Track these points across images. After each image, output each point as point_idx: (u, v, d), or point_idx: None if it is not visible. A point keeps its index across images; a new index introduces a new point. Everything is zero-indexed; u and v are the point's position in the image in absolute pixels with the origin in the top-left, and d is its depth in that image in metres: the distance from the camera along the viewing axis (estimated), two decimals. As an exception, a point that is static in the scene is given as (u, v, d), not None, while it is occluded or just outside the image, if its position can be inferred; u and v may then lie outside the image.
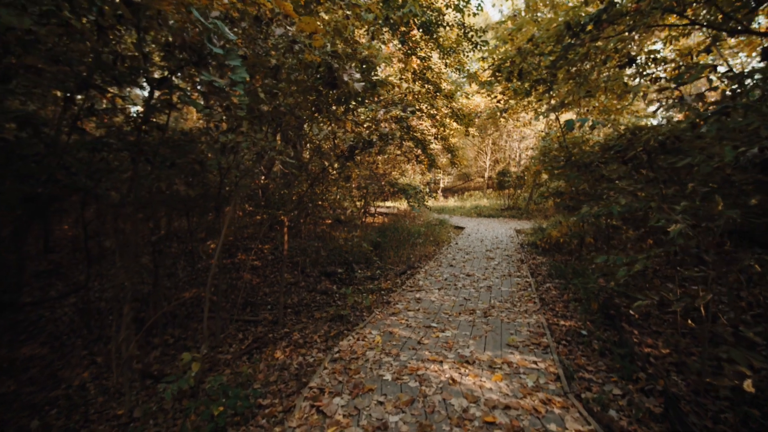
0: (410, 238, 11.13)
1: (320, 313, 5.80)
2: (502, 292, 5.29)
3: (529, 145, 25.46)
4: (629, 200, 2.97)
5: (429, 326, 3.85)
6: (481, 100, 21.81)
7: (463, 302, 4.78)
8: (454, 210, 20.95)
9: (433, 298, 4.94)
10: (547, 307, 5.19)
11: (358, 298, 6.33)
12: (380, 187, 13.49)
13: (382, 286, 7.11)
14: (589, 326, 4.58)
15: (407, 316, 4.23)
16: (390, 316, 4.28)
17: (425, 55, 9.01)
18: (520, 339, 3.59)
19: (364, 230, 12.33)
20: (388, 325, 4.00)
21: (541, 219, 15.61)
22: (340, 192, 7.77)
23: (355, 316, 5.35)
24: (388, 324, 4.02)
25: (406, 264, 8.65)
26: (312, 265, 8.97)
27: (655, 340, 4.10)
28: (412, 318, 4.17)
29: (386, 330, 3.83)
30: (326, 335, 4.82)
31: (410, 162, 14.28)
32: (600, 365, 3.66)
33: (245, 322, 5.88)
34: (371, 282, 7.60)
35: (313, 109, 3.97)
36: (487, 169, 29.17)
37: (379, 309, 4.67)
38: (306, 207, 6.11)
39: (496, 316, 4.22)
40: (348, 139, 5.18)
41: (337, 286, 7.66)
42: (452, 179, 34.02)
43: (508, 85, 6.72)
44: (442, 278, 6.14)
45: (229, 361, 4.44)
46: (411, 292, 5.35)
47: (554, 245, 9.48)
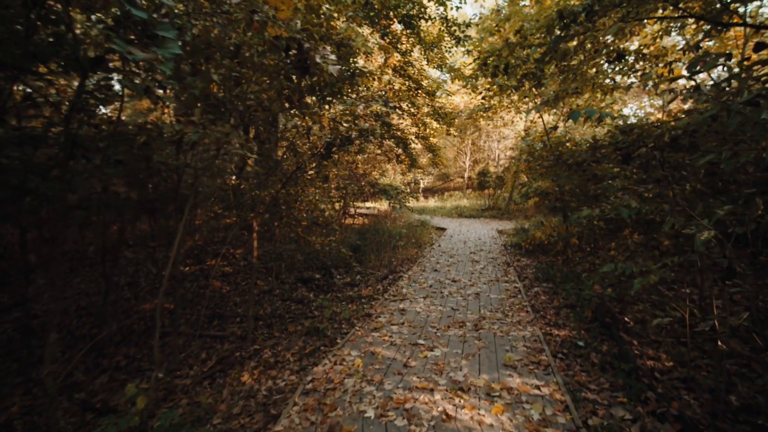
0: (391, 240, 10.73)
1: (295, 325, 5.30)
2: (492, 299, 4.95)
3: (508, 145, 25.58)
4: (639, 202, 2.64)
5: (415, 343, 3.44)
6: (461, 100, 21.70)
7: (451, 313, 4.40)
8: (435, 210, 20.72)
9: (419, 308, 4.53)
10: (538, 315, 4.88)
11: (337, 308, 5.87)
12: (360, 187, 13.04)
13: (362, 293, 6.66)
14: (585, 336, 4.29)
15: (391, 332, 3.81)
16: (371, 332, 3.84)
17: (406, 49, 8.62)
18: (517, 357, 3.23)
19: (344, 232, 11.84)
20: (369, 343, 3.56)
21: (522, 219, 15.54)
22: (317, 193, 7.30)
23: (333, 328, 4.89)
24: (370, 342, 3.58)
25: (388, 268, 8.24)
26: (288, 271, 8.43)
27: (656, 351, 3.83)
28: (396, 333, 3.75)
29: (367, 350, 3.38)
30: (300, 353, 4.33)
31: (391, 162, 13.89)
32: (602, 382, 3.34)
33: (211, 338, 5.31)
34: (351, 289, 7.14)
35: (285, 100, 3.48)
36: (467, 169, 29.17)
37: (360, 323, 4.23)
38: (279, 210, 5.59)
39: (488, 328, 3.86)
40: (325, 136, 4.72)
41: (314, 294, 7.16)
42: (432, 179, 33.92)
43: (493, 81, 6.41)
44: (427, 285, 5.75)
45: (188, 387, 3.89)
46: (394, 301, 4.93)
47: (538, 246, 9.29)
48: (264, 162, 6.83)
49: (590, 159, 4.95)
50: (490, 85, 6.60)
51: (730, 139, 2.52)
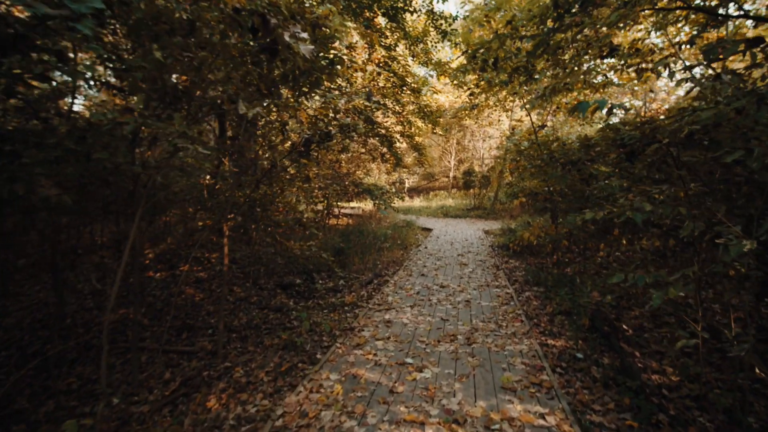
0: (376, 242, 10.37)
1: (271, 338, 4.87)
2: (483, 308, 4.64)
3: (493, 144, 25.55)
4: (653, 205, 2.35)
5: (403, 363, 3.08)
6: (446, 99, 21.50)
7: (441, 324, 4.06)
8: (421, 210, 20.46)
9: (406, 319, 4.18)
10: (532, 322, 4.60)
11: (318, 317, 5.46)
12: (344, 187, 12.62)
13: (345, 300, 6.28)
14: (583, 346, 4.01)
15: (375, 348, 3.43)
16: (354, 350, 3.46)
17: (391, 44, 8.26)
18: (515, 377, 2.91)
19: (327, 234, 11.41)
20: (351, 363, 3.17)
21: (508, 219, 15.41)
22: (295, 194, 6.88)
23: (313, 341, 4.49)
24: (352, 362, 3.20)
25: (373, 272, 7.87)
26: (267, 276, 7.95)
27: (660, 363, 3.58)
28: (381, 351, 3.38)
29: (349, 372, 3.00)
30: (276, 370, 3.92)
31: (375, 161, 13.53)
32: (607, 401, 3.05)
33: (178, 354, 4.82)
34: (334, 295, 6.74)
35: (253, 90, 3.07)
36: (452, 168, 29.06)
37: (341, 339, 3.83)
38: (254, 212, 5.15)
39: (482, 342, 3.53)
40: (304, 132, 4.32)
41: (294, 301, 6.72)
42: (417, 179, 33.71)
43: (483, 76, 6.11)
44: (414, 291, 5.40)
45: (146, 416, 3.43)
46: (379, 312, 4.56)
47: (526, 247, 9.07)
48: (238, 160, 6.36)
49: (585, 158, 4.69)
50: (479, 80, 6.30)
51: (750, 135, 2.25)
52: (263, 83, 3.22)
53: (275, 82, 3.39)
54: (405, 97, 11.09)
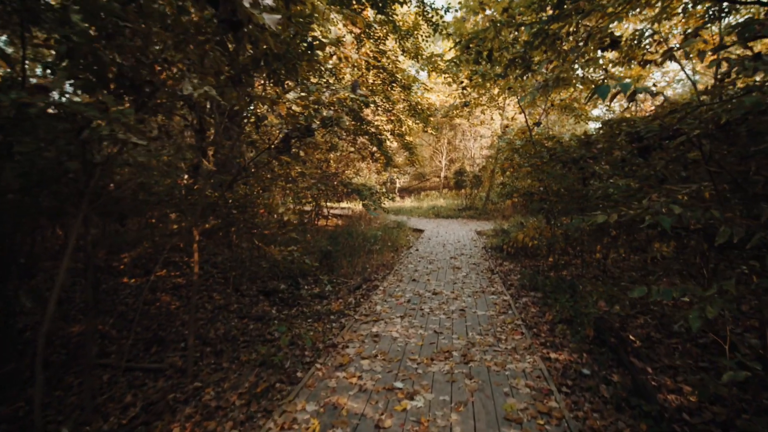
0: (366, 244, 9.97)
1: (248, 353, 4.45)
2: (479, 317, 4.28)
3: (484, 144, 25.36)
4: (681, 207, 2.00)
5: (392, 388, 2.69)
6: (437, 98, 21.20)
7: (434, 337, 3.68)
8: (412, 211, 20.12)
9: (395, 332, 3.79)
10: (531, 332, 4.26)
11: (301, 328, 5.05)
12: (333, 187, 12.19)
13: (332, 307, 5.88)
14: (588, 360, 3.68)
15: (360, 369, 3.04)
16: (336, 371, 3.06)
17: (381, 36, 7.87)
18: (520, 405, 2.55)
19: (315, 235, 10.99)
20: (332, 389, 2.76)
21: (500, 220, 15.16)
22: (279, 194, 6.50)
23: (294, 357, 4.08)
24: (333, 387, 2.80)
25: (362, 276, 7.47)
26: (250, 281, 7.50)
27: (675, 380, 3.26)
28: (367, 372, 2.98)
29: (328, 401, 2.60)
30: (251, 392, 3.51)
31: (365, 160, 13.13)
32: (621, 426, 2.71)
33: (144, 372, 4.37)
34: (319, 302, 6.33)
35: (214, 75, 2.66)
36: (443, 168, 28.81)
37: (323, 358, 3.43)
38: (230, 214, 4.73)
39: (480, 360, 3.17)
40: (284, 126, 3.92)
41: (277, 309, 6.29)
42: (408, 179, 33.40)
43: (476, 69, 5.77)
44: (405, 299, 5.03)
45: (96, 451, 2.99)
46: (366, 323, 4.16)
47: (520, 249, 8.77)
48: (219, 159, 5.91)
49: (587, 155, 4.36)
50: (472, 73, 5.96)
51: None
52: (223, 65, 2.80)
53: (245, 67, 2.98)
54: (395, 95, 10.72)
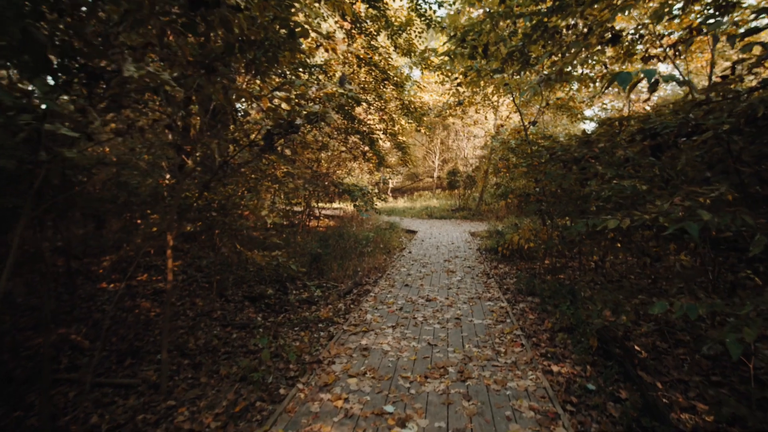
0: (357, 246, 9.69)
1: (228, 366, 4.14)
2: (476, 327, 4.02)
3: (477, 144, 25.22)
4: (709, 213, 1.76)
5: (381, 413, 2.41)
6: (430, 98, 20.99)
7: (428, 350, 3.40)
8: (405, 211, 19.87)
9: (386, 345, 3.51)
10: (530, 341, 4.01)
11: (287, 337, 4.76)
12: (324, 187, 11.89)
13: (320, 314, 5.59)
14: (592, 373, 3.44)
15: (347, 390, 2.74)
16: (320, 392, 2.76)
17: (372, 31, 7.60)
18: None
19: (305, 237, 10.68)
20: (314, 415, 2.47)
21: (494, 220, 14.98)
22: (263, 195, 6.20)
23: (277, 371, 3.79)
24: (315, 413, 2.50)
25: (353, 280, 7.19)
26: (236, 285, 7.17)
27: (686, 396, 3.03)
28: (354, 393, 2.69)
29: (310, 431, 2.31)
30: (228, 412, 3.21)
31: (357, 160, 12.84)
32: (633, 452, 2.47)
33: (114, 388, 4.03)
34: (308, 308, 6.04)
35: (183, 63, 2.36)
36: (436, 169, 28.63)
37: (306, 377, 3.13)
38: (209, 216, 4.41)
39: (478, 377, 2.90)
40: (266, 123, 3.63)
41: (263, 316, 5.99)
42: (401, 179, 33.18)
43: (472, 64, 5.52)
44: (397, 307, 4.75)
45: (49, 485, 2.67)
46: (355, 335, 3.87)
47: (515, 251, 8.56)
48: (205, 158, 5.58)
49: (590, 154, 4.14)
50: (467, 69, 5.71)
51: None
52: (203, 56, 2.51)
53: (219, 55, 2.68)
54: (387, 93, 10.46)
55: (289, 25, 2.81)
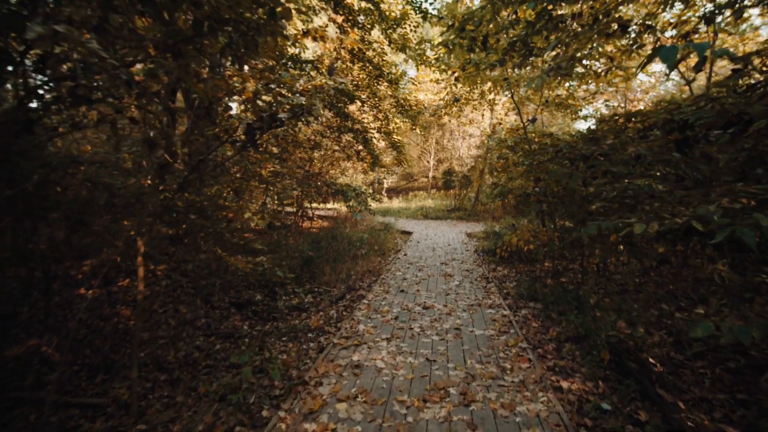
0: (351, 248, 9.36)
1: (208, 383, 3.79)
2: (478, 338, 3.71)
3: (473, 144, 24.99)
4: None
5: (374, 447, 2.10)
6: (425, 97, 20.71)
7: (426, 367, 3.08)
8: (400, 212, 19.57)
9: (380, 361, 3.17)
10: (536, 353, 3.71)
11: (274, 349, 4.42)
12: (317, 187, 11.55)
13: (310, 322, 5.26)
14: (606, 390, 3.15)
15: (336, 418, 2.41)
16: (304, 422, 2.41)
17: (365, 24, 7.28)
18: (539, 469, 1.99)
19: (297, 239, 10.34)
20: (297, 451, 2.14)
21: (491, 221, 14.72)
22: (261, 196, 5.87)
23: (261, 389, 3.45)
24: (299, 447, 2.17)
25: (346, 285, 6.87)
26: (223, 291, 6.80)
27: (712, 418, 2.74)
28: (343, 421, 2.34)
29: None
30: (204, 439, 2.87)
31: (351, 159, 12.51)
32: (659, 487, 2.17)
33: (81, 409, 3.67)
34: (298, 315, 5.71)
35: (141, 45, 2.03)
36: (431, 168, 28.38)
37: (289, 401, 2.79)
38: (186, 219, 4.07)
39: (483, 400, 2.59)
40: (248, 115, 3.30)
41: (250, 324, 5.64)
42: (396, 179, 32.90)
43: (470, 57, 5.22)
44: (392, 316, 4.43)
45: None
46: (346, 349, 3.54)
47: (514, 252, 8.28)
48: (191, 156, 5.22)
49: (598, 151, 3.85)
50: (465, 62, 5.40)
51: None
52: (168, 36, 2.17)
53: (189, 37, 2.34)
54: (382, 90, 10.14)
55: (269, 4, 2.48)
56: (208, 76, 2.93)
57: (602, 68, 5.39)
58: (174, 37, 2.26)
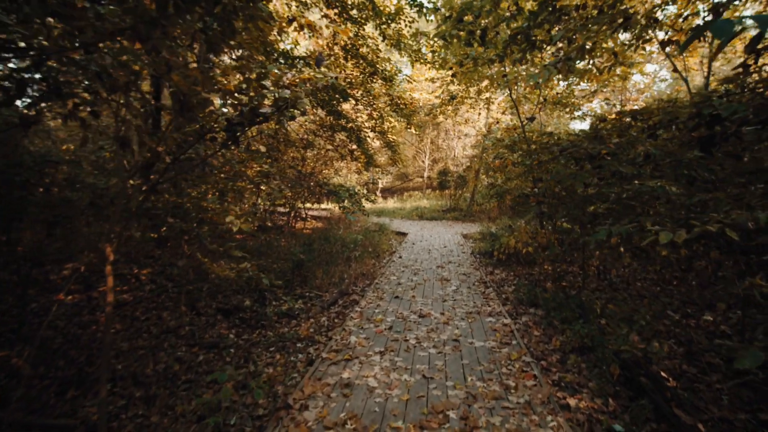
0: (344, 250, 9.09)
1: (186, 402, 3.51)
2: (478, 351, 3.45)
3: (468, 144, 24.81)
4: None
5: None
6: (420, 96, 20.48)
7: (423, 386, 2.81)
8: (394, 212, 19.32)
9: (372, 379, 2.89)
10: (539, 366, 3.47)
11: (257, 364, 4.14)
12: (309, 188, 11.26)
13: (300, 330, 4.99)
14: (616, 408, 2.91)
15: (322, 450, 2.14)
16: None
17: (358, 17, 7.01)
18: None
19: (290, 240, 10.05)
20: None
21: (487, 222, 14.51)
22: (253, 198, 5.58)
23: (243, 408, 3.18)
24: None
25: (338, 289, 6.60)
26: (210, 296, 6.51)
27: (734, 441, 2.52)
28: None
29: None
30: (177, 469, 2.59)
31: (344, 159, 12.22)
32: None
33: (44, 431, 3.37)
34: (287, 323, 5.43)
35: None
36: (426, 169, 28.16)
37: (272, 425, 2.52)
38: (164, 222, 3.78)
39: (486, 426, 2.30)
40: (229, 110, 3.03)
41: (236, 332, 5.36)
42: (391, 179, 32.66)
43: (468, 51, 4.97)
44: (386, 326, 4.16)
45: None
46: (335, 364, 3.25)
47: (512, 255, 8.06)
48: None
49: (605, 151, 3.62)
50: (463, 58, 5.16)
51: None
52: (123, 14, 1.89)
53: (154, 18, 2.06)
54: (376, 89, 9.87)
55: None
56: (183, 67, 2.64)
57: (605, 64, 5.17)
58: (134, 16, 1.98)
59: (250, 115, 2.77)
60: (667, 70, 19.10)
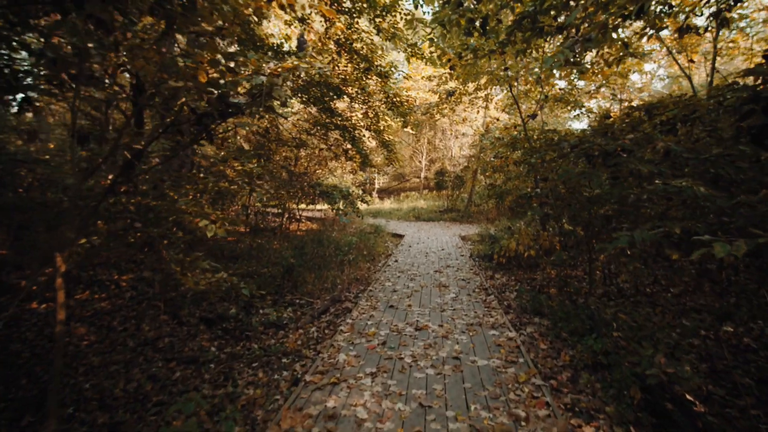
0: (338, 253, 8.71)
1: (154, 427, 3.12)
2: (481, 372, 3.08)
3: (465, 143, 24.48)
4: None
5: None
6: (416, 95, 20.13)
7: (420, 417, 2.40)
8: (391, 213, 18.95)
9: (361, 408, 2.50)
10: (549, 384, 3.11)
11: (238, 383, 3.76)
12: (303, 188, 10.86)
13: (287, 342, 4.63)
14: (639, 439, 2.56)
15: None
16: None
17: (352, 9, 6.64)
18: None
19: (282, 242, 9.66)
20: None
21: (485, 223, 14.17)
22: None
23: (216, 439, 2.79)
24: None
25: (331, 295, 6.23)
26: (195, 303, 6.11)
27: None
28: None
29: None
30: None
31: (339, 158, 11.85)
32: None
33: (-9, 465, 2.97)
34: (274, 333, 5.06)
35: None
36: (423, 169, 27.82)
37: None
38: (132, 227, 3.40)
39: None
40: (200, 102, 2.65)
41: (218, 345, 4.98)
42: (388, 179, 32.30)
43: (468, 41, 4.61)
44: (378, 341, 3.78)
45: None
46: (320, 389, 2.86)
47: (512, 258, 7.71)
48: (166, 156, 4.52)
49: (621, 147, 3.27)
50: (462, 49, 4.80)
51: None
52: None
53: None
54: (371, 86, 9.50)
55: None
56: (137, 48, 2.26)
57: (614, 56, 4.84)
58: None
59: (218, 103, 2.38)
60: (665, 69, 18.86)
